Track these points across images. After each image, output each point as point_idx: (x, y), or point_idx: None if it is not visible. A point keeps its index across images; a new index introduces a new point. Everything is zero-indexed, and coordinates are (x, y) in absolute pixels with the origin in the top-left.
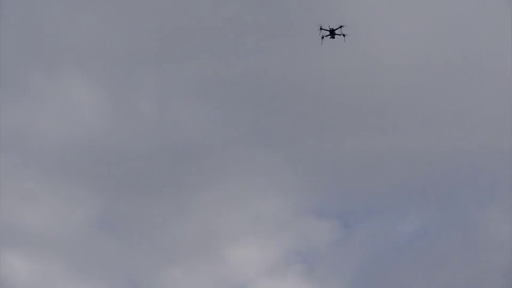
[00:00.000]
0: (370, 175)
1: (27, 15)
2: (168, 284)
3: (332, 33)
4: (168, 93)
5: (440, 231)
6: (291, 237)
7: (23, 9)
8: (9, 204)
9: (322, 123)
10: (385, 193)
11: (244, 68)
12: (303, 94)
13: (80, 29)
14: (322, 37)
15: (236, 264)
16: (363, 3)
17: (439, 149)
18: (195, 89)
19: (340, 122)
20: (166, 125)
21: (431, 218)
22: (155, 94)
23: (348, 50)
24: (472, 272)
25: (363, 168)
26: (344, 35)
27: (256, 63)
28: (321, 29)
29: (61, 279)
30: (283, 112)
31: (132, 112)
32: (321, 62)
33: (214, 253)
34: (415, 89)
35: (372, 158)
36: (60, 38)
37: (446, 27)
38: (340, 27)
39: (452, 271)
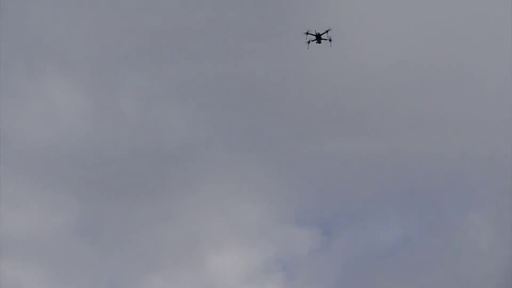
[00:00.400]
0: (350, 181)
1: (9, 15)
2: None
3: (318, 38)
4: (151, 95)
5: (422, 239)
6: (271, 245)
7: (6, 10)
8: None
9: (305, 128)
10: (366, 200)
11: (227, 70)
12: (287, 98)
13: (62, 30)
14: (309, 42)
15: (216, 272)
16: (350, 5)
17: (420, 155)
18: (178, 91)
19: (322, 127)
20: (149, 128)
21: (412, 225)
22: (138, 96)
23: (333, 53)
24: (454, 279)
25: (343, 174)
26: (330, 40)
27: (240, 65)
28: (307, 33)
29: (40, 284)
30: (267, 116)
31: (115, 114)
32: (305, 65)
33: (194, 260)
34: (399, 93)
35: (353, 164)
36: (42, 39)
37: (433, 31)
38: (327, 31)
39: (434, 278)
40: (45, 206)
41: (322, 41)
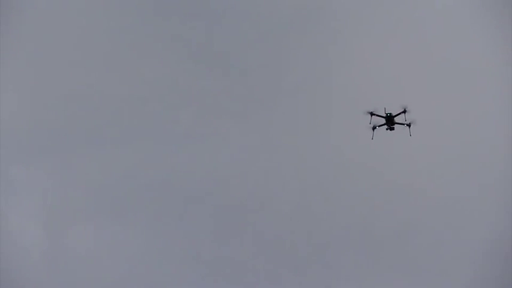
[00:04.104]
0: None
1: None
2: None
3: (390, 121)
4: None
5: None
6: None
7: None
8: None
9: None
10: None
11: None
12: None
13: None
14: (374, 127)
15: None
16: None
17: None
18: None
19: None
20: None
21: None
22: None
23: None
24: None
25: None
26: (409, 125)
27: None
28: (371, 115)
29: None
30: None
31: None
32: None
33: None
34: None
35: None
36: None
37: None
38: (404, 112)
39: None
40: None
41: (396, 126)
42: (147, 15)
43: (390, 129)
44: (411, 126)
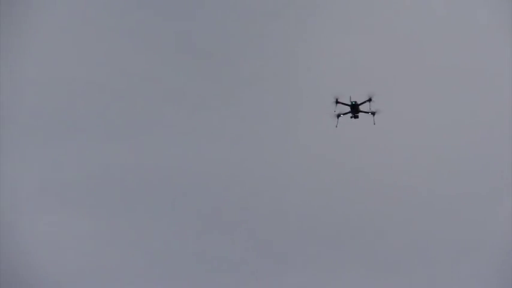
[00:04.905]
0: None
1: None
2: None
3: (354, 109)
4: None
5: None
6: None
7: None
8: None
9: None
10: None
11: None
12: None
13: None
14: (338, 115)
15: None
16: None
17: None
18: None
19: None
20: None
21: None
22: None
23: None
24: None
25: None
26: (373, 113)
27: None
28: (336, 102)
29: None
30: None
31: None
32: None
33: None
34: None
35: None
36: None
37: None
38: (369, 100)
39: None
40: None
41: (360, 114)
42: (126, 10)
43: (354, 118)
44: (375, 115)
